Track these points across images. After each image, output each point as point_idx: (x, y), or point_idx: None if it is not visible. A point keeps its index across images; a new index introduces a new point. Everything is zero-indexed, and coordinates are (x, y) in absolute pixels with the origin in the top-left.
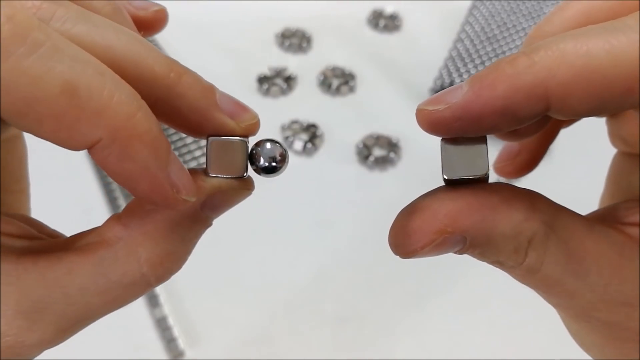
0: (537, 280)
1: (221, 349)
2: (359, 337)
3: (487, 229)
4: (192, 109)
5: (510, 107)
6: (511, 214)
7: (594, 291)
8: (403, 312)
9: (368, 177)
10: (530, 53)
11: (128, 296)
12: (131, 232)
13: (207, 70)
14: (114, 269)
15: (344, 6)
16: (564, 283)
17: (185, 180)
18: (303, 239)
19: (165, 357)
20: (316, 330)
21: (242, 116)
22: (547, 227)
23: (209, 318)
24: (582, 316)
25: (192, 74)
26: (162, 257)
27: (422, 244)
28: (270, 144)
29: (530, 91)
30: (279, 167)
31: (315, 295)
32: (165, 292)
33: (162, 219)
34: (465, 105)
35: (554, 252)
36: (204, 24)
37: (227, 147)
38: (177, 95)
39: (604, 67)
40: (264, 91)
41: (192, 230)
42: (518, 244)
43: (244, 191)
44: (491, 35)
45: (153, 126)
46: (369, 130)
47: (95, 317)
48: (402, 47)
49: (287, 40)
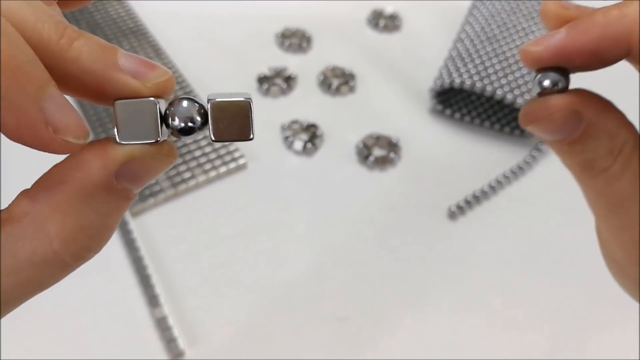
0: (614, 191)
1: (221, 349)
2: (359, 337)
3: (600, 117)
4: (88, 73)
5: (599, 51)
6: (617, 116)
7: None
8: (403, 312)
9: (368, 177)
10: (622, 7)
11: (43, 277)
12: (38, 205)
13: (207, 70)
14: (22, 246)
15: (344, 6)
16: (635, 200)
17: (68, 119)
18: (303, 239)
19: (165, 357)
20: (316, 330)
21: (149, 74)
22: (636, 140)
23: (209, 318)
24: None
25: (88, 37)
26: (74, 233)
27: (554, 109)
28: (186, 102)
29: (618, 38)
30: (196, 127)
31: (315, 295)
32: (165, 292)
33: (71, 189)
34: (562, 47)
35: (635, 168)
36: (204, 23)
37: (134, 109)
38: (69, 60)
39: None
40: (264, 91)
41: (109, 203)
42: (613, 145)
43: (164, 157)
44: (491, 35)
45: (19, 53)
46: (369, 130)
47: (11, 301)
48: (402, 47)
49: (287, 40)
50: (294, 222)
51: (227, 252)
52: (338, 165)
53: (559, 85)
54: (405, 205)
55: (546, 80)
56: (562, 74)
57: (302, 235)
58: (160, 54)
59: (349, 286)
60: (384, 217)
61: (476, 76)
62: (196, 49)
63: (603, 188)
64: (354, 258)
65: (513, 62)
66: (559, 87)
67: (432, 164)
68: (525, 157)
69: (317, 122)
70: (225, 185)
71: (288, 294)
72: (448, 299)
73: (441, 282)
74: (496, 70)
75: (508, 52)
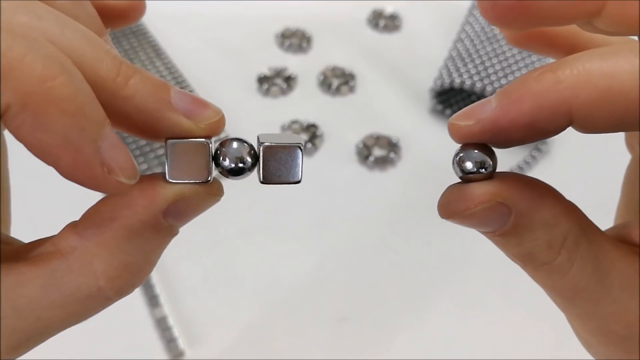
0: (564, 284)
1: (221, 349)
2: (359, 337)
3: (532, 208)
4: (142, 111)
5: (536, 123)
6: (554, 203)
7: (617, 303)
8: (403, 312)
9: (368, 177)
10: (557, 70)
11: (86, 311)
12: (86, 242)
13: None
14: (68, 281)
15: (344, 6)
16: (590, 290)
17: (121, 160)
18: (303, 239)
19: (165, 357)
20: (316, 330)
21: (201, 115)
22: (580, 229)
23: (209, 318)
24: (602, 329)
25: (142, 73)
26: (119, 270)
27: (474, 203)
28: (236, 143)
29: (555, 109)
30: (246, 168)
31: (315, 295)
32: (165, 292)
33: (119, 227)
34: (494, 121)
35: (584, 256)
36: (204, 23)
37: (187, 149)
38: (124, 99)
39: (626, 90)
40: (264, 91)
41: (154, 240)
42: (553, 238)
43: (211, 196)
44: (491, 35)
45: (80, 93)
46: (369, 130)
47: (51, 332)
48: (402, 47)
49: (287, 40)
50: (294, 222)
51: (227, 252)
52: (338, 165)
53: (485, 167)
54: (405, 205)
55: (468, 162)
56: (488, 153)
57: (302, 235)
58: (160, 54)
59: (349, 287)
60: (384, 217)
61: (476, 76)
62: (196, 49)
63: (551, 282)
64: (354, 258)
65: (513, 62)
66: (485, 170)
67: (432, 164)
68: (525, 157)
69: (317, 122)
70: (225, 185)
71: (288, 294)
72: (448, 299)
73: (441, 282)
74: (496, 70)
75: (508, 52)
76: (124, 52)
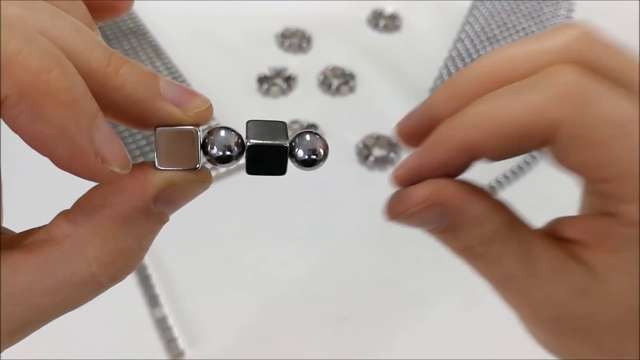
0: (498, 273)
1: (221, 349)
2: (359, 337)
3: (463, 205)
4: (132, 101)
5: (451, 162)
6: (483, 200)
7: (543, 289)
8: (403, 312)
9: (368, 177)
10: (462, 114)
11: (79, 297)
12: (79, 229)
13: (207, 70)
14: (62, 268)
15: (344, 6)
16: (521, 279)
17: (115, 150)
18: (303, 239)
19: (165, 357)
20: (316, 330)
21: (190, 103)
22: (509, 222)
23: (209, 318)
24: (535, 313)
25: (131, 63)
26: (113, 255)
27: (412, 204)
28: (224, 131)
29: (463, 148)
30: (233, 156)
31: (315, 295)
32: (165, 292)
33: (111, 214)
34: (418, 166)
35: (512, 247)
36: (204, 23)
37: (176, 137)
38: (115, 88)
39: (515, 124)
40: (264, 91)
41: (146, 227)
42: (485, 232)
43: (200, 183)
44: (491, 35)
45: (74, 85)
46: (369, 130)
47: (46, 318)
48: (402, 47)
49: (287, 40)
50: (294, 222)
51: (227, 252)
52: (338, 165)
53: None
54: None
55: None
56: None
57: (302, 235)
58: (160, 54)
59: (349, 286)
60: (384, 217)
61: None
62: (196, 49)
63: (487, 271)
64: (354, 258)
65: None
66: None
67: None
68: (525, 157)
69: (317, 122)
70: (225, 186)
71: (288, 294)
72: (448, 299)
73: (441, 282)
74: None
75: None
76: (124, 52)
